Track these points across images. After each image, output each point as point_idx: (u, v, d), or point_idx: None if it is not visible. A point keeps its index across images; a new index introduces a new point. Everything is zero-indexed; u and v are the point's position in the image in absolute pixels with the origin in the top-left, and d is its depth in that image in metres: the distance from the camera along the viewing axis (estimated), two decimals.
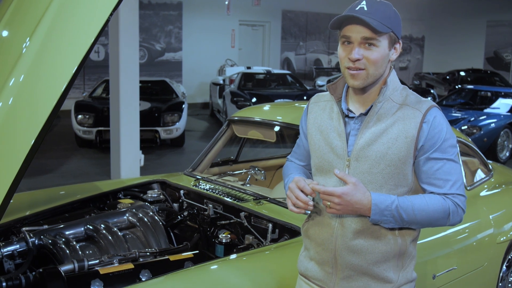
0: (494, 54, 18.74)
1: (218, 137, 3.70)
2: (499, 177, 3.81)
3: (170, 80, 11.14)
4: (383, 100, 1.71)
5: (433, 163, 1.68)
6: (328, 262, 1.78)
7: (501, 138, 8.68)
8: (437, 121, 1.68)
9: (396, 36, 1.70)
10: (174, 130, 8.97)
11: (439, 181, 1.69)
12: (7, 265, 2.44)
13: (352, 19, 1.64)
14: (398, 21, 1.70)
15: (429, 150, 1.68)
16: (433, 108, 1.70)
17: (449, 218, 1.68)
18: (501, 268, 3.34)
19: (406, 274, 1.76)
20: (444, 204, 1.67)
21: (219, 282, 2.08)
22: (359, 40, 1.64)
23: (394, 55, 1.73)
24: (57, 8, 1.85)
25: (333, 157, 1.76)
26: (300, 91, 11.32)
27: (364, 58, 1.65)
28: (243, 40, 16.58)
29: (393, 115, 1.69)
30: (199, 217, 3.02)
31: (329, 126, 1.79)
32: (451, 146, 1.70)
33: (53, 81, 1.86)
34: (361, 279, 1.74)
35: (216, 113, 12.53)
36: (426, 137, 1.67)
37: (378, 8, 1.65)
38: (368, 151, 1.69)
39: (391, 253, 1.72)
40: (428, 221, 1.68)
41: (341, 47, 1.70)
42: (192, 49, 15.37)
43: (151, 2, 14.67)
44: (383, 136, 1.68)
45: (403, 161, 1.67)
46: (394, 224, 1.67)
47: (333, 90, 1.82)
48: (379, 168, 1.68)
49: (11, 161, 1.83)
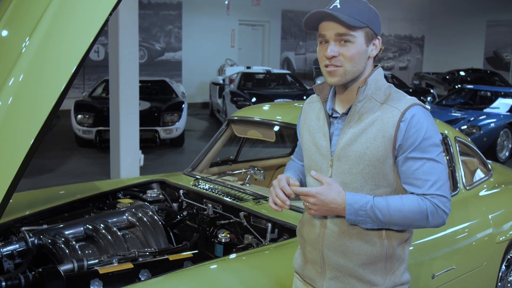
0: (494, 54, 18.74)
1: (218, 137, 3.70)
2: (498, 177, 3.81)
3: (169, 80, 11.14)
4: (363, 100, 1.70)
5: (412, 163, 1.65)
6: (317, 261, 1.78)
7: (501, 138, 8.68)
8: (415, 119, 1.64)
9: (374, 32, 1.69)
10: (173, 130, 8.97)
11: (418, 181, 1.65)
12: (7, 265, 2.44)
13: (324, 17, 1.65)
14: (374, 17, 1.69)
15: (407, 150, 1.65)
16: (413, 106, 1.66)
17: (428, 219, 1.64)
18: (500, 267, 3.34)
19: (394, 278, 1.74)
20: (422, 204, 1.63)
21: (218, 282, 2.08)
22: (334, 37, 1.64)
23: (374, 51, 1.71)
24: (56, 7, 1.85)
25: (319, 157, 1.77)
26: (299, 91, 11.32)
27: (340, 55, 1.65)
28: (243, 40, 16.58)
29: (373, 114, 1.68)
30: (199, 217, 3.02)
31: (316, 126, 1.81)
32: (432, 145, 1.65)
33: (53, 80, 1.86)
34: (348, 281, 1.73)
35: (216, 113, 12.53)
36: (403, 136, 1.64)
37: (351, 5, 1.65)
38: (348, 151, 1.69)
39: (377, 255, 1.70)
40: (407, 222, 1.65)
41: (319, 47, 1.70)
42: (192, 49, 15.36)
43: (151, 1, 14.67)
44: (362, 135, 1.67)
45: (381, 161, 1.66)
46: (372, 225, 1.65)
47: (320, 90, 1.82)
48: (358, 168, 1.68)
49: (10, 160, 1.83)
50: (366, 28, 1.66)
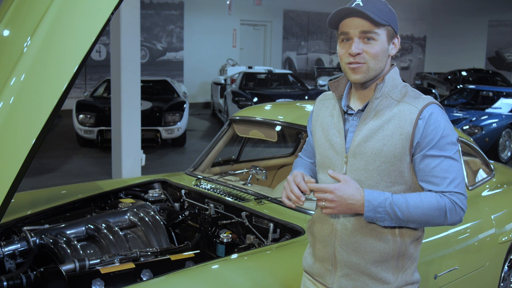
0: (496, 54, 18.71)
1: (220, 136, 3.69)
2: (500, 177, 3.80)
3: (171, 79, 11.15)
4: (380, 97, 1.71)
5: (430, 161, 1.66)
6: (328, 259, 1.78)
7: (503, 138, 8.67)
8: (433, 117, 1.66)
9: (394, 31, 1.71)
10: (175, 130, 8.97)
11: (436, 178, 1.66)
12: (8, 264, 2.44)
13: (350, 13, 1.65)
14: (394, 17, 1.72)
15: (425, 147, 1.66)
16: (431, 104, 1.68)
17: (447, 216, 1.65)
18: (503, 268, 3.33)
19: (405, 276, 1.75)
20: (440, 201, 1.64)
21: (220, 282, 2.07)
22: (358, 35, 1.65)
23: (394, 50, 1.73)
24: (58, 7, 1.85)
25: (332, 154, 1.77)
26: (301, 90, 11.31)
27: (364, 52, 1.66)
28: (245, 39, 16.58)
29: (390, 112, 1.69)
30: (200, 217, 3.02)
31: (330, 123, 1.81)
32: (449, 143, 1.67)
33: (54, 80, 1.86)
34: (359, 278, 1.73)
35: (218, 112, 12.53)
36: (421, 134, 1.65)
37: (373, 3, 1.66)
38: (364, 147, 1.69)
39: (390, 253, 1.71)
40: (425, 219, 1.65)
41: (340, 45, 1.71)
42: (193, 49, 15.37)
43: (153, 1, 14.68)
44: (379, 132, 1.68)
45: (398, 158, 1.67)
46: (389, 222, 1.65)
47: (335, 87, 1.83)
48: (374, 165, 1.68)
49: (12, 160, 1.83)
50: (388, 27, 1.68)
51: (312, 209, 2.68)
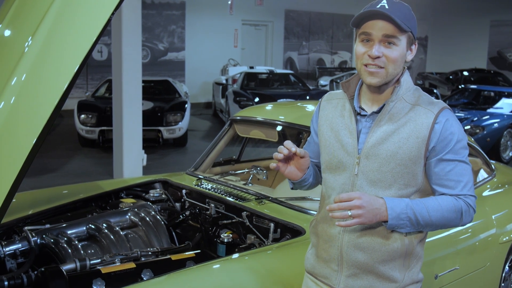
0: (498, 54, 18.69)
1: (221, 136, 3.69)
2: (502, 177, 3.80)
3: (173, 79, 11.15)
4: (395, 100, 1.72)
5: (445, 165, 1.69)
6: (334, 259, 1.78)
7: (504, 138, 8.66)
8: (449, 123, 1.69)
9: (414, 37, 1.71)
10: (176, 130, 8.97)
11: (451, 182, 1.70)
12: (9, 264, 2.44)
13: (376, 15, 1.63)
14: (415, 23, 1.72)
15: (441, 152, 1.68)
16: (445, 109, 1.71)
17: (462, 218, 1.70)
18: (504, 268, 3.33)
19: (411, 275, 1.77)
20: (457, 204, 1.68)
21: (220, 282, 2.07)
22: (380, 38, 1.64)
23: (410, 56, 1.73)
24: (59, 7, 1.85)
25: (343, 155, 1.76)
26: (302, 90, 11.31)
27: (383, 56, 1.65)
28: (246, 39, 16.58)
29: (405, 115, 1.70)
30: (201, 217, 3.02)
31: (341, 123, 1.80)
32: (463, 147, 1.71)
33: (55, 80, 1.86)
34: (366, 278, 1.74)
35: (219, 112, 12.53)
36: (438, 138, 1.67)
37: (399, 8, 1.65)
38: (379, 149, 1.69)
39: (397, 252, 1.72)
40: (443, 222, 1.69)
41: (359, 44, 1.69)
42: (195, 49, 15.38)
43: (154, 1, 14.69)
44: (394, 135, 1.69)
45: (413, 161, 1.68)
46: (410, 229, 1.67)
47: (346, 88, 1.83)
48: (389, 167, 1.68)
49: (13, 160, 1.84)
50: (409, 33, 1.68)
51: (312, 209, 2.69)
